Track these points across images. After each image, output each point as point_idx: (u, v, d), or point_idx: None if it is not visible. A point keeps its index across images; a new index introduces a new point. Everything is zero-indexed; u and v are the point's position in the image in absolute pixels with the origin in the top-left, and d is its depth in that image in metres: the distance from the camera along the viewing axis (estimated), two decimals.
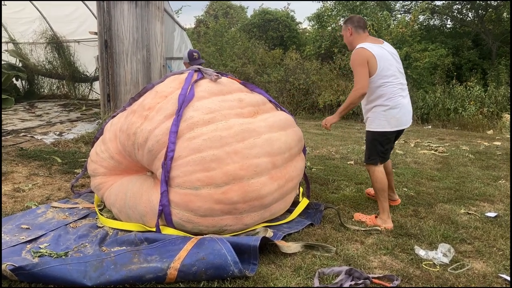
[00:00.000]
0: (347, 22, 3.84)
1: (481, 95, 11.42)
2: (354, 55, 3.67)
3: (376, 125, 3.78)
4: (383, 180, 3.85)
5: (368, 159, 3.90)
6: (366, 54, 3.63)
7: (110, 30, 7.52)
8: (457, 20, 16.41)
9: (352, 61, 3.68)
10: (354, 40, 3.80)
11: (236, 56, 15.27)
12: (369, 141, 3.87)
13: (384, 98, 3.72)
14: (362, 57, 3.64)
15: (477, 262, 3.18)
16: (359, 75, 3.63)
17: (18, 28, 11.83)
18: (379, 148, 3.83)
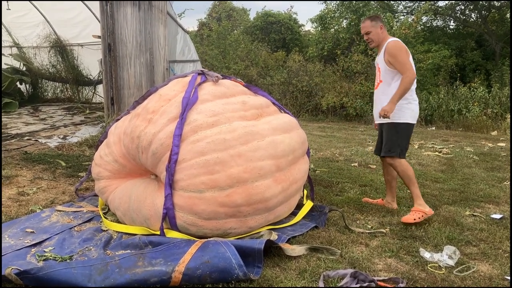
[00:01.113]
0: (377, 20, 4.09)
1: (485, 96, 11.39)
2: (398, 44, 3.95)
3: (400, 117, 3.96)
4: (410, 167, 4.07)
5: (388, 151, 4.03)
6: (405, 46, 3.98)
7: (114, 34, 7.55)
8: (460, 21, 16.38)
9: (398, 50, 3.90)
10: (385, 36, 4.10)
11: (239, 58, 15.29)
12: (392, 133, 4.02)
13: (411, 93, 3.98)
14: (404, 47, 3.96)
15: (483, 264, 3.16)
16: (407, 63, 3.88)
17: (22, 32, 11.88)
18: (401, 141, 4.02)
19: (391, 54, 3.92)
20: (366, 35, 4.11)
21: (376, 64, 4.24)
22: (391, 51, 3.93)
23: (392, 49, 3.92)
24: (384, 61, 4.00)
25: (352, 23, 14.36)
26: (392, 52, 3.92)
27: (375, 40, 4.09)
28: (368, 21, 4.09)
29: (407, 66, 3.87)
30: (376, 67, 4.20)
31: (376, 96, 4.18)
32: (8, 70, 10.90)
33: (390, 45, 3.96)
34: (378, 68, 4.13)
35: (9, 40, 12.11)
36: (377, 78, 4.17)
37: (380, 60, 4.09)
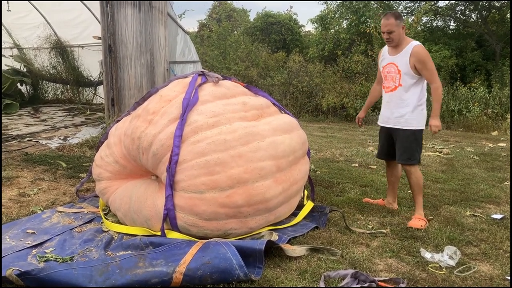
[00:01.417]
0: (401, 19, 3.87)
1: (485, 96, 11.39)
2: (425, 50, 3.80)
3: (418, 123, 3.91)
4: (421, 175, 4.08)
5: (408, 159, 3.94)
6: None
7: (114, 35, 7.55)
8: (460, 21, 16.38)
9: (427, 56, 3.77)
10: (405, 37, 3.92)
11: (239, 59, 15.30)
12: (410, 141, 3.91)
13: (424, 98, 3.93)
14: (427, 53, 3.84)
15: (484, 265, 3.16)
16: (435, 71, 3.82)
17: (23, 34, 11.89)
18: (419, 147, 3.98)
19: (421, 60, 3.75)
20: (387, 33, 3.84)
21: (388, 65, 3.99)
22: (421, 57, 3.75)
23: (423, 55, 3.75)
24: (409, 64, 3.80)
25: (353, 23, 14.37)
26: (422, 59, 3.75)
27: (395, 40, 3.86)
28: (393, 19, 3.81)
29: (436, 75, 3.79)
30: (391, 68, 3.95)
31: (391, 99, 3.98)
32: (8, 72, 10.91)
33: (419, 49, 3.77)
34: (397, 70, 3.89)
35: (10, 41, 12.12)
36: (392, 80, 3.94)
37: (401, 62, 3.86)
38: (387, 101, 4.04)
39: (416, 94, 3.87)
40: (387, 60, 4.01)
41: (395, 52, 3.91)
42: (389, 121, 4.01)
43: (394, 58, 3.92)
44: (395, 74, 3.91)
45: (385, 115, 4.07)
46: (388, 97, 4.03)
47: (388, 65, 3.99)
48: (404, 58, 3.83)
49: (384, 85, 4.06)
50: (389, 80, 3.98)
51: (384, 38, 3.93)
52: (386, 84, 4.02)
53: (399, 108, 3.90)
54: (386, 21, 3.83)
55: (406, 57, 3.81)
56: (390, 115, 3.98)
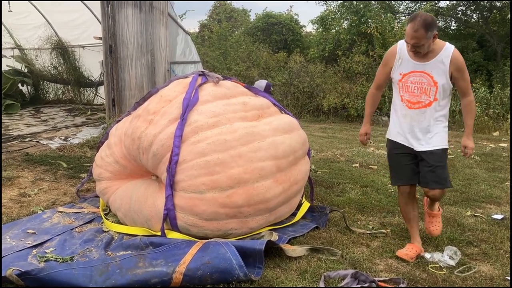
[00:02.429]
0: (432, 29, 3.01)
1: (487, 97, 11.37)
2: (462, 58, 3.17)
3: (446, 140, 3.28)
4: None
5: (445, 182, 3.30)
6: None
7: (115, 35, 7.56)
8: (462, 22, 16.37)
9: (464, 63, 3.15)
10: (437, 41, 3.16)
11: (240, 59, 15.31)
12: (444, 161, 3.26)
13: (448, 112, 3.33)
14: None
15: (484, 265, 3.16)
16: (469, 82, 3.24)
17: (24, 34, 11.90)
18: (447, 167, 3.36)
19: (460, 69, 3.11)
20: (415, 46, 3.07)
21: (413, 73, 3.21)
22: (461, 65, 3.11)
23: (462, 62, 3.12)
24: (448, 74, 3.12)
25: (353, 24, 14.36)
26: (461, 66, 3.11)
27: (423, 52, 3.11)
28: (423, 31, 2.97)
29: (470, 86, 3.23)
30: (422, 78, 3.18)
31: (423, 117, 3.21)
32: (10, 72, 10.92)
33: (458, 56, 3.11)
34: (431, 82, 3.15)
35: (11, 42, 12.13)
36: (425, 93, 3.18)
37: (438, 72, 3.12)
38: (415, 120, 3.24)
39: (447, 108, 3.27)
40: (411, 67, 3.20)
41: (425, 57, 3.14)
42: (420, 144, 3.26)
43: (425, 66, 3.15)
44: (428, 86, 3.16)
45: (413, 136, 3.27)
46: (418, 115, 3.23)
47: (413, 73, 3.20)
48: (440, 66, 3.11)
49: (407, 98, 3.25)
50: (418, 93, 3.21)
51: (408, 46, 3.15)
52: (412, 98, 3.23)
53: (434, 127, 3.22)
54: (414, 33, 3.00)
55: (443, 65, 3.10)
56: (422, 136, 3.24)
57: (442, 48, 3.11)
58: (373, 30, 12.62)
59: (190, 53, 9.03)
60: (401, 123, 3.31)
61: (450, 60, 3.09)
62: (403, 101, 3.28)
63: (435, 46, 3.10)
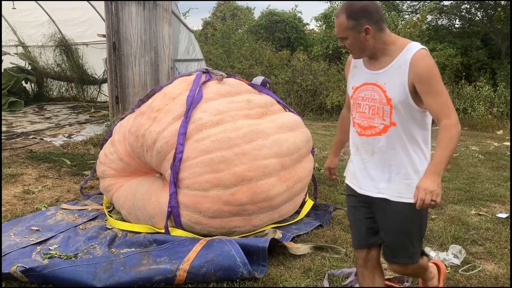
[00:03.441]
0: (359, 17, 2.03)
1: (491, 95, 11.32)
2: (431, 60, 2.04)
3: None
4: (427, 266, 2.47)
5: (413, 255, 2.21)
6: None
7: (118, 33, 7.56)
8: (466, 20, 16.29)
9: (432, 70, 2.02)
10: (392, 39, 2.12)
11: (243, 57, 15.29)
12: (408, 222, 2.15)
13: (428, 145, 2.25)
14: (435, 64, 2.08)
15: (489, 264, 3.15)
16: (448, 98, 2.05)
17: (27, 32, 11.92)
18: (424, 229, 2.26)
19: (423, 79, 2.01)
20: (340, 40, 2.15)
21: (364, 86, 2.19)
22: (423, 73, 2.00)
23: (426, 69, 2.00)
24: (407, 86, 2.04)
25: None
26: (425, 75, 2.01)
27: (356, 51, 2.13)
28: (343, 18, 2.05)
29: (450, 103, 2.03)
30: (373, 92, 2.15)
31: (378, 149, 2.17)
32: (13, 69, 10.95)
33: (421, 59, 2.02)
34: (383, 97, 2.10)
35: (15, 39, 12.16)
36: (377, 113, 2.14)
37: (392, 83, 2.08)
38: (368, 152, 2.21)
39: (425, 137, 2.21)
40: (364, 77, 2.19)
41: (378, 63, 2.13)
42: (370, 187, 2.21)
43: (378, 76, 2.13)
44: (381, 104, 2.12)
45: (366, 175, 2.24)
46: (372, 145, 2.19)
47: (365, 86, 2.18)
48: (397, 75, 2.06)
49: (357, 121, 2.23)
50: (369, 115, 2.17)
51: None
52: (363, 121, 2.20)
53: (393, 168, 2.15)
54: (336, 20, 2.12)
55: (401, 74, 2.05)
56: (376, 177, 2.19)
57: (403, 49, 2.07)
58: None
59: (194, 50, 9.02)
60: (352, 157, 2.33)
61: (409, 66, 2.02)
62: (354, 126, 2.26)
63: (392, 46, 2.09)
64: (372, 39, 2.06)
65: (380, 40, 2.08)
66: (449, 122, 2.00)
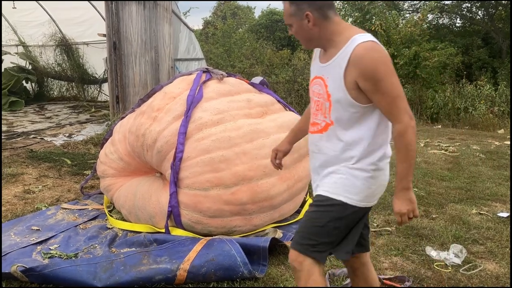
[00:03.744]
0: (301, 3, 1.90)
1: (492, 94, 11.31)
2: (380, 53, 1.85)
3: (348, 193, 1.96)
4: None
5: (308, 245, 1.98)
6: (387, 53, 1.90)
7: (119, 32, 7.55)
8: (467, 19, 16.28)
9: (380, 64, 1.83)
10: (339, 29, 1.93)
11: (244, 57, 15.28)
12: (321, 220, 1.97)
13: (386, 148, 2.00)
14: (387, 57, 1.88)
15: (490, 263, 3.14)
16: (401, 96, 1.87)
17: (28, 31, 11.92)
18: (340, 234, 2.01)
19: (368, 75, 1.83)
20: (289, 27, 2.01)
21: (314, 80, 2.06)
22: (367, 69, 1.83)
23: (370, 64, 1.82)
24: (345, 82, 1.88)
25: (357, 21, 14.31)
26: (369, 71, 1.83)
27: (304, 40, 1.99)
28: (287, 4, 1.95)
29: (403, 104, 1.86)
30: (319, 86, 2.01)
31: (319, 148, 2.05)
32: (14, 69, 10.95)
33: (363, 53, 1.83)
34: (326, 93, 1.96)
35: (15, 39, 12.16)
36: (321, 110, 2.01)
37: (333, 78, 1.93)
38: (314, 150, 2.10)
39: (372, 146, 1.94)
40: (315, 71, 2.07)
41: (326, 56, 1.98)
42: (315, 184, 2.12)
43: (324, 69, 1.98)
44: (323, 100, 1.99)
45: (314, 172, 2.14)
46: (315, 143, 2.08)
47: (316, 80, 2.04)
48: (337, 69, 1.90)
49: (311, 118, 2.10)
50: (315, 110, 2.06)
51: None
52: (312, 117, 2.09)
53: (331, 164, 2.01)
54: (283, 6, 1.99)
55: (340, 69, 1.88)
56: (318, 175, 2.09)
57: (348, 41, 1.87)
58: (378, 27, 12.56)
59: (194, 50, 9.01)
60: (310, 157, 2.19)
61: (348, 60, 1.84)
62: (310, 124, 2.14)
63: (339, 37, 1.90)
64: (317, 27, 1.91)
65: (327, 30, 1.92)
66: (400, 128, 1.85)
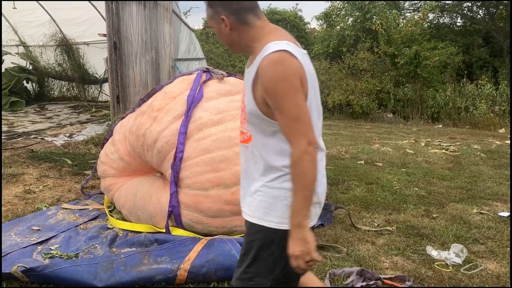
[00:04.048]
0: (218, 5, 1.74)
1: (492, 94, 11.30)
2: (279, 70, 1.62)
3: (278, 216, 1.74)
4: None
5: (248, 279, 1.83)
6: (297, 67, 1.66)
7: (119, 32, 7.55)
8: (467, 18, 16.26)
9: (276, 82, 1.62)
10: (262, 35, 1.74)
11: (244, 56, 15.28)
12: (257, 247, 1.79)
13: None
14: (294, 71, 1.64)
15: (491, 263, 3.13)
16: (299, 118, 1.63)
17: (28, 31, 11.93)
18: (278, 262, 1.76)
19: (268, 90, 1.64)
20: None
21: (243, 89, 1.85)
22: (267, 83, 1.64)
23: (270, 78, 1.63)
24: (254, 95, 1.72)
25: (358, 20, 14.31)
26: (268, 86, 1.64)
27: (227, 43, 1.83)
28: (206, 5, 1.78)
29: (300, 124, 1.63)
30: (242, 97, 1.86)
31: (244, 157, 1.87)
32: (14, 69, 10.96)
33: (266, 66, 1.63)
34: (243, 102, 1.84)
35: (16, 39, 12.17)
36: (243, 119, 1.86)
37: (246, 87, 1.77)
38: (242, 158, 1.91)
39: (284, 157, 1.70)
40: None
41: (249, 62, 1.81)
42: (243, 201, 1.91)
43: (246, 75, 1.81)
44: (242, 109, 1.87)
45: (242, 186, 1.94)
46: (242, 154, 1.90)
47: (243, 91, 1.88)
48: (249, 79, 1.74)
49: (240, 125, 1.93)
50: (243, 119, 1.86)
51: None
52: (241, 126, 1.91)
53: (252, 182, 1.82)
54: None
55: (250, 79, 1.73)
56: (244, 190, 1.90)
57: (263, 49, 1.68)
58: (378, 26, 12.55)
59: (195, 50, 9.01)
60: None
61: (256, 72, 1.68)
62: None
63: (257, 44, 1.72)
64: (235, 32, 1.74)
65: (246, 35, 1.75)
66: (295, 154, 1.63)
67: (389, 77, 12.33)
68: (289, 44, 1.66)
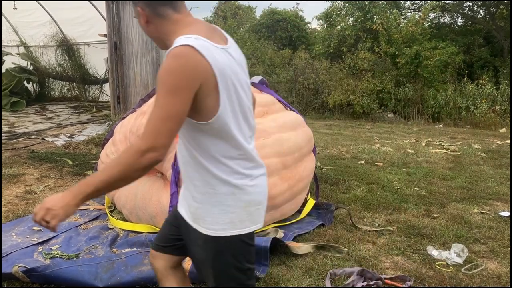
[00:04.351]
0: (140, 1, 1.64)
1: (493, 93, 11.29)
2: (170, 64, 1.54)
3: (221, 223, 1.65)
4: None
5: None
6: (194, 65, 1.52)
7: (120, 32, 7.56)
8: (468, 18, 16.25)
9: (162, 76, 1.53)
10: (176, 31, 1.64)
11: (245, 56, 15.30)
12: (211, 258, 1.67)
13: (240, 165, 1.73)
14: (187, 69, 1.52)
15: (491, 262, 3.13)
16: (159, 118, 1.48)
17: (29, 32, 11.95)
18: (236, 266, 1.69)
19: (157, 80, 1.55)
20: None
21: None
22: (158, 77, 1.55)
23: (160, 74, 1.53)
24: None
25: (358, 20, 14.31)
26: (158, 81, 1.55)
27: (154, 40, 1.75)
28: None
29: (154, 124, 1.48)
30: None
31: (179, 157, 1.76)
32: (15, 69, 10.98)
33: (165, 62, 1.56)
34: None
35: (16, 39, 12.19)
36: None
37: None
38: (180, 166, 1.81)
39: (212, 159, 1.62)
40: None
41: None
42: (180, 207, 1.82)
43: None
44: None
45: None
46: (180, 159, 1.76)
47: None
48: None
49: None
50: None
51: None
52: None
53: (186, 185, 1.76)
54: None
55: None
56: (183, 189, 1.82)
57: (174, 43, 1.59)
58: (379, 26, 12.55)
59: None
60: None
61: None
62: None
63: (173, 38, 1.62)
64: (152, 25, 1.66)
65: (163, 29, 1.66)
66: (133, 146, 1.48)
67: (390, 77, 12.32)
68: (198, 39, 1.54)
